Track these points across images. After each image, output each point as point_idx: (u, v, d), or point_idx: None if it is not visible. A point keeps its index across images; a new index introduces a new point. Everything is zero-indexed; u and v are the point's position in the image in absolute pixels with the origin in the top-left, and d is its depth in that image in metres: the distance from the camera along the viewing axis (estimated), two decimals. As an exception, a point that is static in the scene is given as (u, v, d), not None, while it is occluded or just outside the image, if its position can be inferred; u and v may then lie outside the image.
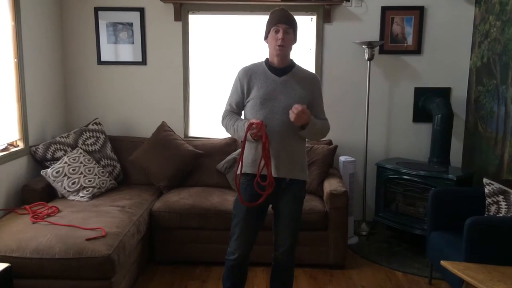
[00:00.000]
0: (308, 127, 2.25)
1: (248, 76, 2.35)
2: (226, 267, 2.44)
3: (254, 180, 2.27)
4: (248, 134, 2.22)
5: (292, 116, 2.18)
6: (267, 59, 2.40)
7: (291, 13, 2.36)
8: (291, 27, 2.31)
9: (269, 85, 2.31)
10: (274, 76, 2.33)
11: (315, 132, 2.33)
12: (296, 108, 2.16)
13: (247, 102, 2.35)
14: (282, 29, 2.27)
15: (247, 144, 2.29)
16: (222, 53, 3.96)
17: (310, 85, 2.36)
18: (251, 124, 2.19)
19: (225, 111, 2.45)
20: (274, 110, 2.27)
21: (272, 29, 2.30)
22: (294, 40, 2.36)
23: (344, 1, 3.84)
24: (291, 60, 2.40)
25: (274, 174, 2.27)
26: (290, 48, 2.35)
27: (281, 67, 2.34)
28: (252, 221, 2.36)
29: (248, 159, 2.32)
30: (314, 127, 2.28)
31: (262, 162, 2.22)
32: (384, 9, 3.87)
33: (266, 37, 2.37)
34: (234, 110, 2.41)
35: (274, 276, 2.52)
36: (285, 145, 2.29)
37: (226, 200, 3.28)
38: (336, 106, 3.99)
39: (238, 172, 2.35)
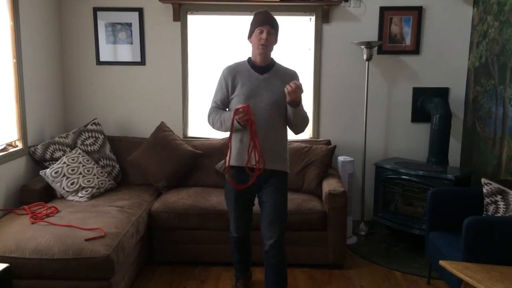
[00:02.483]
0: (299, 107, 2.42)
1: (233, 74, 2.52)
2: (231, 243, 2.77)
3: (240, 170, 2.47)
4: (235, 121, 2.35)
5: (289, 88, 2.31)
6: (249, 58, 2.57)
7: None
8: (274, 29, 2.48)
9: (252, 82, 2.48)
10: (257, 74, 2.50)
11: (302, 115, 2.49)
12: (294, 83, 2.32)
13: (232, 98, 2.51)
14: (266, 30, 2.43)
15: (232, 137, 2.46)
16: (221, 54, 3.96)
17: (290, 81, 2.48)
18: (237, 109, 2.33)
19: (211, 108, 2.60)
20: (257, 106, 2.42)
21: (256, 29, 2.46)
22: (275, 41, 2.53)
23: (343, 2, 3.85)
24: (272, 59, 2.57)
25: (257, 165, 2.41)
26: (272, 48, 2.52)
27: (262, 65, 2.51)
28: (242, 206, 2.62)
29: (234, 152, 2.49)
30: (302, 109, 2.47)
31: (251, 145, 2.37)
32: (383, 10, 3.88)
33: (249, 37, 2.53)
34: (219, 107, 2.57)
35: (268, 274, 2.56)
36: (268, 139, 2.45)
37: (225, 200, 3.28)
38: (334, 106, 4.01)
39: (227, 164, 2.51)
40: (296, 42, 3.93)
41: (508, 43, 3.25)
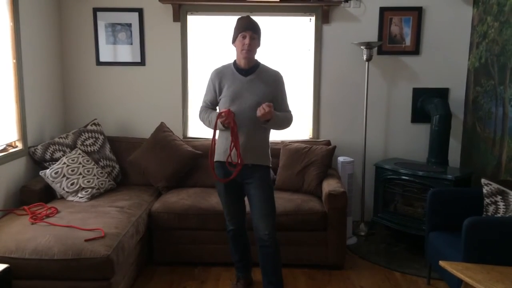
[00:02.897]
0: (271, 122, 2.56)
1: (219, 77, 2.69)
2: (229, 237, 2.84)
3: (224, 164, 2.60)
4: (219, 122, 2.53)
5: (259, 112, 2.47)
6: (235, 61, 2.70)
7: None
8: (256, 33, 2.60)
9: (237, 84, 2.62)
10: (241, 76, 2.64)
11: (278, 124, 2.65)
12: (263, 109, 2.46)
13: (220, 99, 2.67)
14: (249, 35, 2.56)
15: (220, 135, 2.65)
16: (221, 54, 3.96)
17: (273, 83, 2.66)
18: (220, 113, 2.51)
19: (201, 107, 2.79)
20: (241, 106, 2.56)
21: (239, 35, 2.59)
22: (258, 44, 2.65)
23: (343, 2, 3.85)
24: (256, 61, 2.69)
25: (238, 161, 2.55)
26: (255, 52, 2.65)
27: (246, 68, 2.64)
28: (233, 196, 2.73)
29: (221, 149, 2.65)
30: (277, 120, 2.60)
31: (232, 144, 2.54)
32: (383, 10, 3.88)
33: (233, 41, 2.65)
34: (209, 106, 2.76)
35: (266, 260, 2.64)
36: (252, 137, 2.59)
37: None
38: (334, 106, 4.01)
39: (215, 159, 2.67)
40: (296, 42, 3.93)
41: (508, 43, 3.25)
